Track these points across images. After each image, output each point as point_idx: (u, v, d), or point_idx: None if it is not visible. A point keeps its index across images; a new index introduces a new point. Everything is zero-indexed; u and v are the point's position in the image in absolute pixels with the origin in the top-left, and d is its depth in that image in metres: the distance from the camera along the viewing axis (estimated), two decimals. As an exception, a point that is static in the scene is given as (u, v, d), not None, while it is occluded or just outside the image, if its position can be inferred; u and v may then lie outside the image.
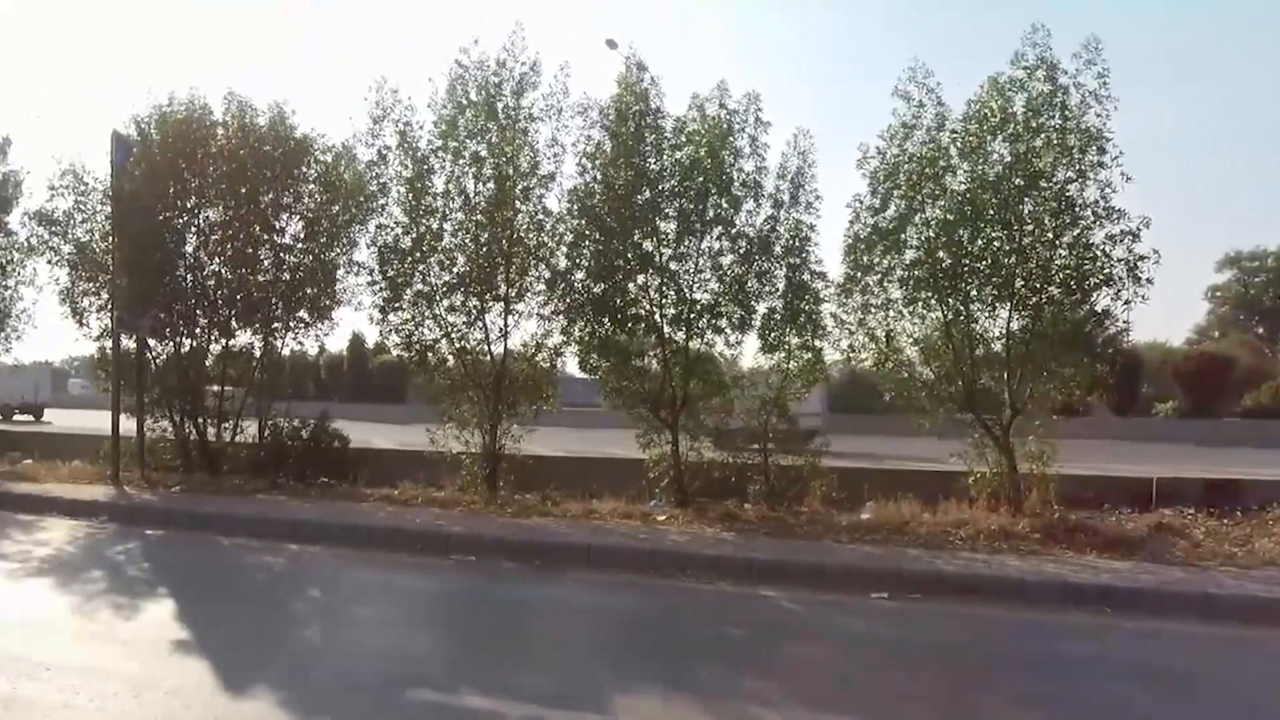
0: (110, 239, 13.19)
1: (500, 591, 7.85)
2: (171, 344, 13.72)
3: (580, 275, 11.71)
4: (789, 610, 7.17)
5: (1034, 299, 10.22)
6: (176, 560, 9.07)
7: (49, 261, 13.92)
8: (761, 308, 11.27)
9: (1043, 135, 10.00)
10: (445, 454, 12.36)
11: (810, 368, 11.21)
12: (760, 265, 11.12)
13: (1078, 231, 10.01)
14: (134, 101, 13.56)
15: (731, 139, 11.04)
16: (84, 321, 13.79)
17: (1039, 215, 10.11)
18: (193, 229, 13.49)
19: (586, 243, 11.60)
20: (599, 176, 11.42)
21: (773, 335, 11.24)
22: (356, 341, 53.34)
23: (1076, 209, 9.97)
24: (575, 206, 11.63)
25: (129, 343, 13.24)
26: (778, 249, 11.13)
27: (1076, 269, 10.01)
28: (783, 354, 11.30)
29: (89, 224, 13.62)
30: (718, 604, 7.39)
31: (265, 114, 13.34)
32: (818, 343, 11.17)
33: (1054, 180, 9.99)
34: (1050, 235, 10.07)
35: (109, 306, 13.35)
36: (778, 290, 11.20)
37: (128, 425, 13.20)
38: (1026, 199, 10.08)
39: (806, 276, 11.08)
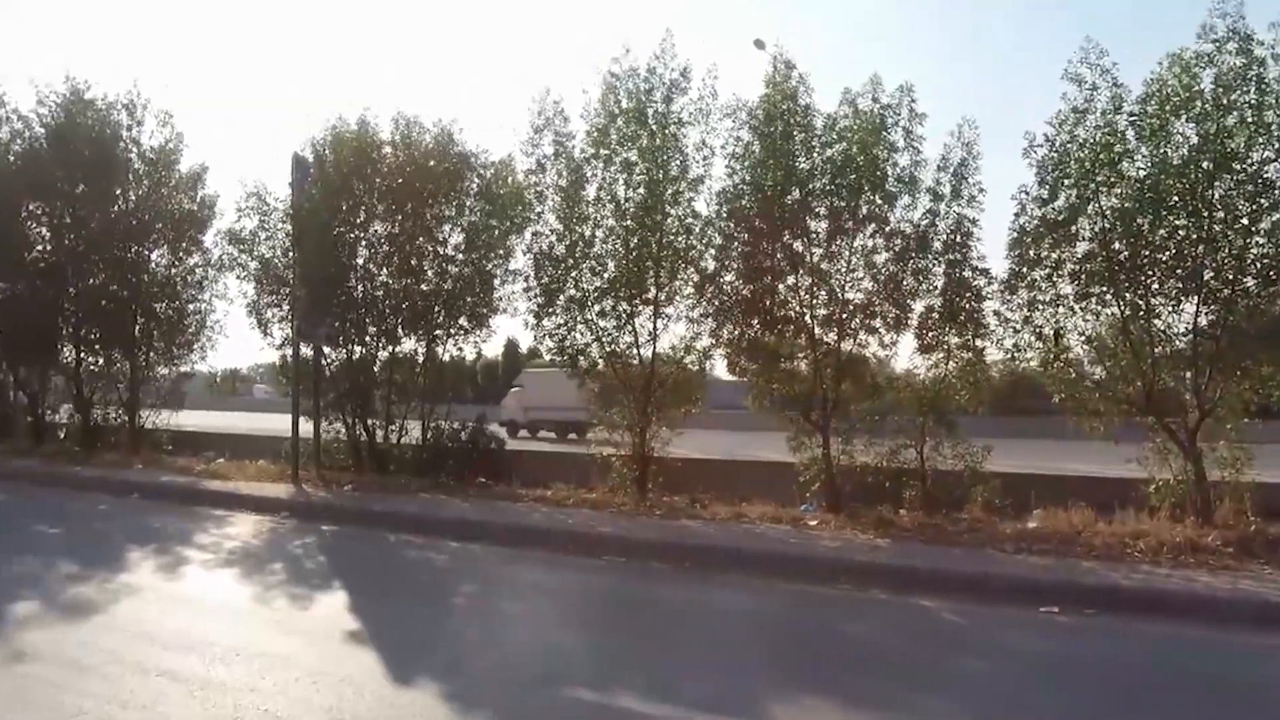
0: (290, 254, 14.22)
1: (652, 593, 7.87)
2: (344, 351, 14.60)
3: (729, 277, 11.65)
4: (950, 622, 6.84)
5: (1225, 291, 9.32)
6: (348, 555, 9.59)
7: (238, 276, 15.20)
8: (918, 306, 10.86)
9: (1235, 113, 9.12)
10: (595, 456, 12.56)
11: (971, 368, 10.71)
12: (917, 262, 10.71)
13: (1277, 217, 9.09)
14: (311, 125, 14.67)
15: (885, 133, 10.68)
16: (268, 331, 14.93)
17: (1231, 200, 9.22)
18: (363, 243, 14.34)
19: (735, 244, 11.53)
20: (747, 178, 11.31)
21: (930, 335, 10.81)
22: (511, 347, 55.20)
23: (1276, 191, 9.06)
24: (724, 209, 11.58)
25: (307, 350, 14.22)
26: (937, 245, 10.68)
27: (1275, 257, 9.10)
28: (941, 354, 10.85)
29: (272, 241, 14.71)
30: (873, 613, 7.14)
31: (431, 132, 14.02)
32: (979, 342, 10.65)
33: (1248, 161, 9.10)
34: (1245, 221, 9.18)
35: (289, 317, 14.38)
36: (936, 288, 10.75)
37: (306, 427, 14.13)
38: (1216, 183, 9.22)
39: (968, 273, 10.58)
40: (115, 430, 17.86)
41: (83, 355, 18.23)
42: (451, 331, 14.40)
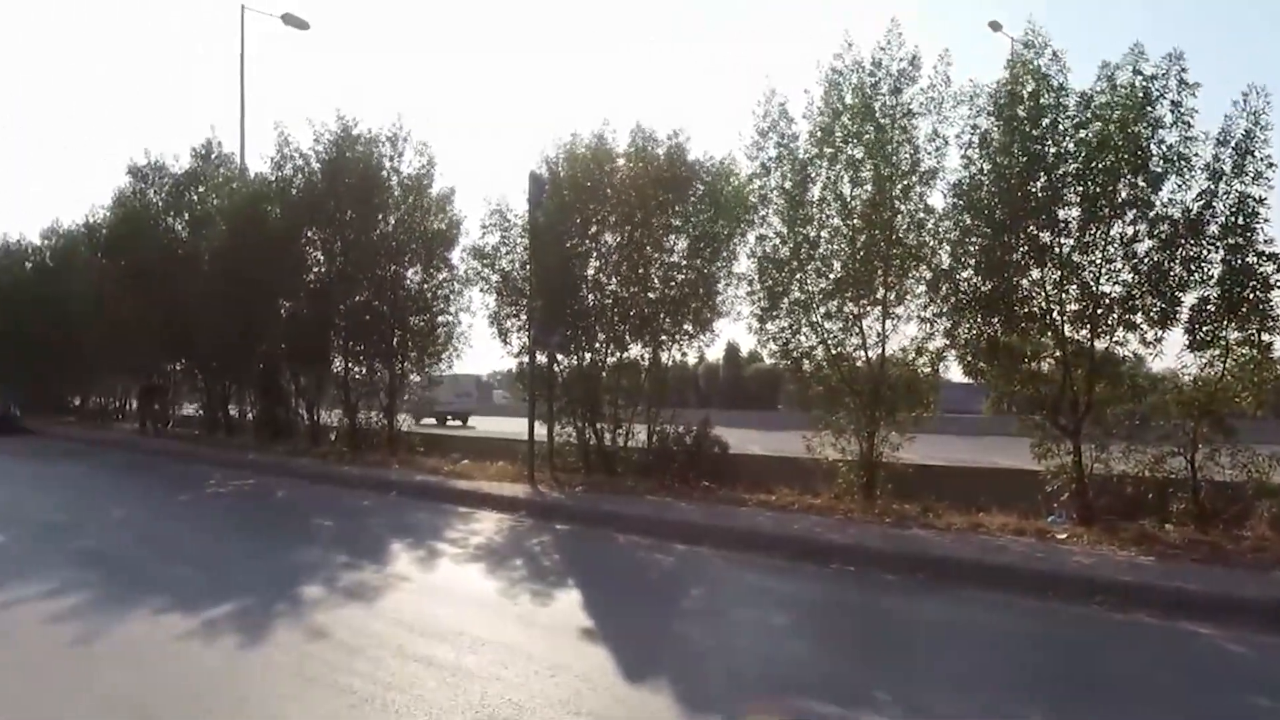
0: (526, 267, 15.04)
1: (884, 604, 7.55)
2: (575, 358, 15.22)
3: (966, 274, 10.97)
4: (1234, 653, 6.03)
5: None
6: (581, 554, 9.93)
7: (480, 290, 16.21)
8: (1189, 298, 9.69)
9: None
10: (821, 461, 12.28)
11: (1255, 366, 9.43)
12: (1188, 249, 9.55)
13: None
14: (546, 143, 15.65)
15: (1149, 108, 9.63)
16: (507, 340, 15.80)
17: None
18: (594, 254, 14.88)
19: (973, 238, 10.83)
20: (986, 166, 10.61)
21: (1204, 330, 9.62)
22: (732, 350, 55.42)
23: None
24: (960, 201, 10.92)
25: (542, 358, 14.95)
26: (1213, 229, 9.47)
27: None
28: (1217, 351, 9.64)
29: (511, 255, 15.59)
30: (1137, 638, 6.43)
31: (664, 144, 14.34)
32: (1266, 336, 9.36)
33: None
34: None
35: (526, 326, 15.18)
36: (1211, 277, 9.55)
37: (541, 431, 14.85)
38: None
39: (1252, 259, 9.31)
40: (376, 433, 19.60)
41: (349, 365, 20.23)
42: (676, 336, 14.64)
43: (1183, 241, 9.54)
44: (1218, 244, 9.45)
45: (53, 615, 6.63)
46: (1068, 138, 10.09)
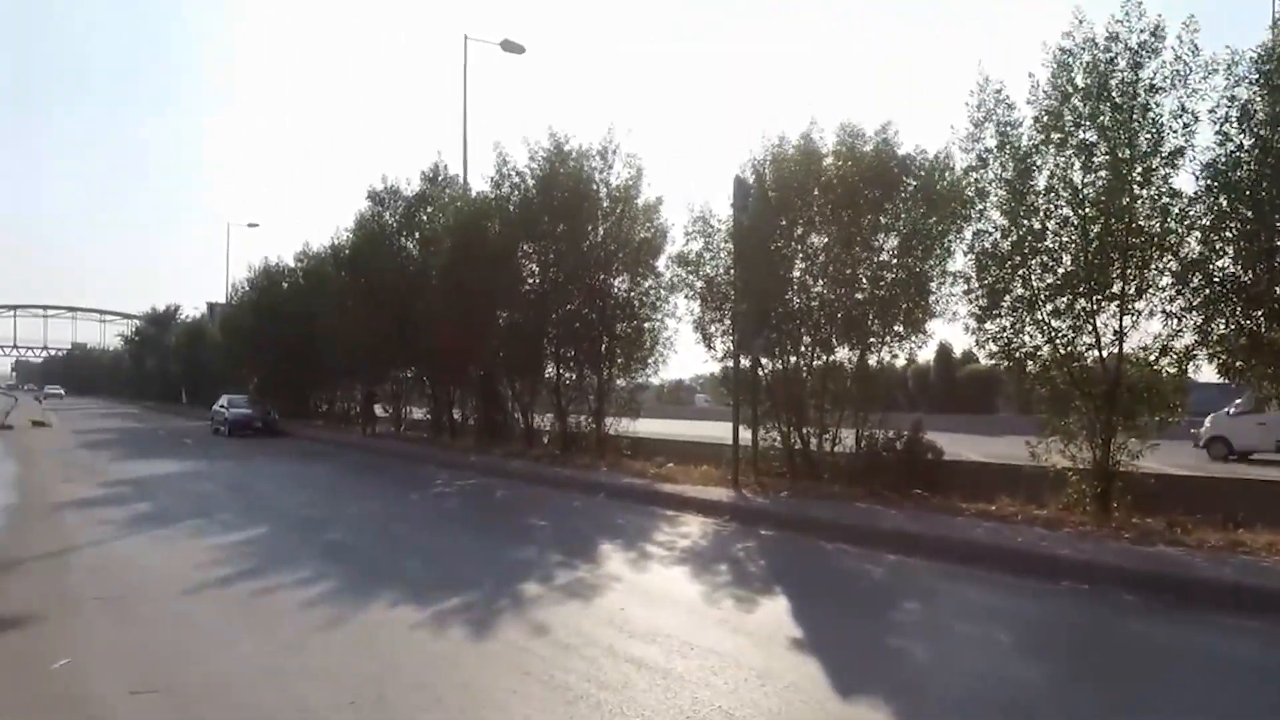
0: (730, 272, 15.05)
1: (1124, 627, 6.86)
2: (780, 361, 15.06)
3: (1221, 262, 9.83)
4: None
5: None
6: (786, 560, 9.76)
7: (685, 296, 16.47)
8: None
9: None
10: (1047, 469, 11.40)
11: None
12: None
13: None
14: (752, 146, 15.65)
15: None
16: (711, 345, 15.89)
17: None
18: (799, 256, 14.66)
19: (1230, 223, 9.68)
20: (1247, 142, 9.45)
21: None
22: (943, 351, 52.86)
23: None
24: (1214, 182, 9.79)
25: (746, 361, 14.88)
26: None
27: None
28: None
29: (715, 261, 15.64)
30: None
31: (872, 140, 13.93)
32: None
33: None
34: None
35: (730, 331, 15.19)
36: None
37: (745, 435, 14.79)
38: None
39: None
40: (586, 436, 20.27)
41: (561, 371, 21.07)
42: (885, 338, 14.14)
43: None
44: None
45: (307, 601, 7.32)
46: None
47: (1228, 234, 9.71)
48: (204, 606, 7.14)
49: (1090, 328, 10.92)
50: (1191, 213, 10.13)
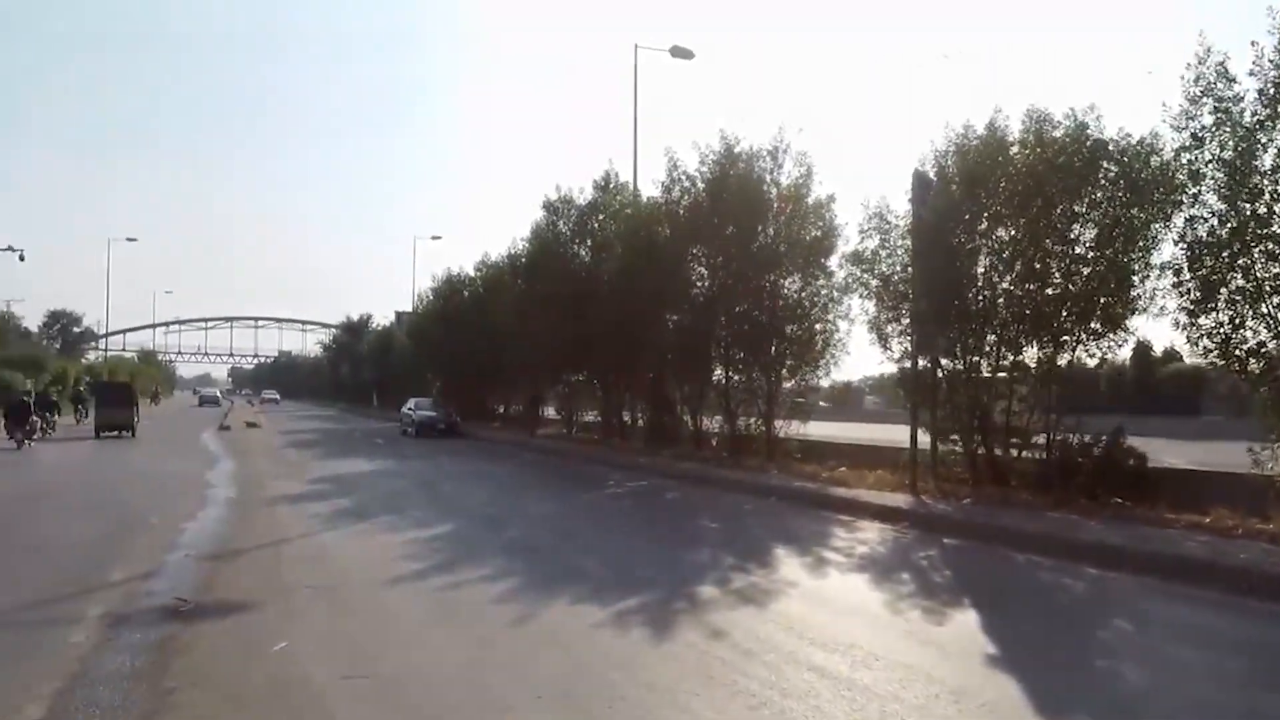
0: (908, 269, 14.53)
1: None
2: (961, 362, 14.38)
3: None
4: None
5: None
6: (974, 570, 9.30)
7: (860, 296, 15.98)
8: None
9: None
10: (1275, 479, 10.30)
11: None
12: None
13: None
14: (933, 139, 15.04)
15: None
16: (887, 345, 15.34)
17: None
18: (983, 251, 13.95)
19: None
20: None
21: None
22: (1142, 350, 48.86)
23: None
24: None
25: (924, 363, 14.32)
26: None
27: None
28: None
29: (891, 258, 15.11)
30: None
31: (1063, 125, 13.08)
32: None
33: None
34: None
35: (908, 331, 14.65)
36: None
37: (923, 439, 14.21)
38: None
39: None
40: (754, 439, 20.11)
41: (729, 373, 21.02)
42: (1080, 336, 13.20)
43: None
44: None
45: (495, 597, 7.62)
46: None
47: None
48: (402, 598, 7.57)
49: (1325, 322, 9.78)
50: None
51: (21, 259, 40.46)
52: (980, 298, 13.92)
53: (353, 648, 6.00)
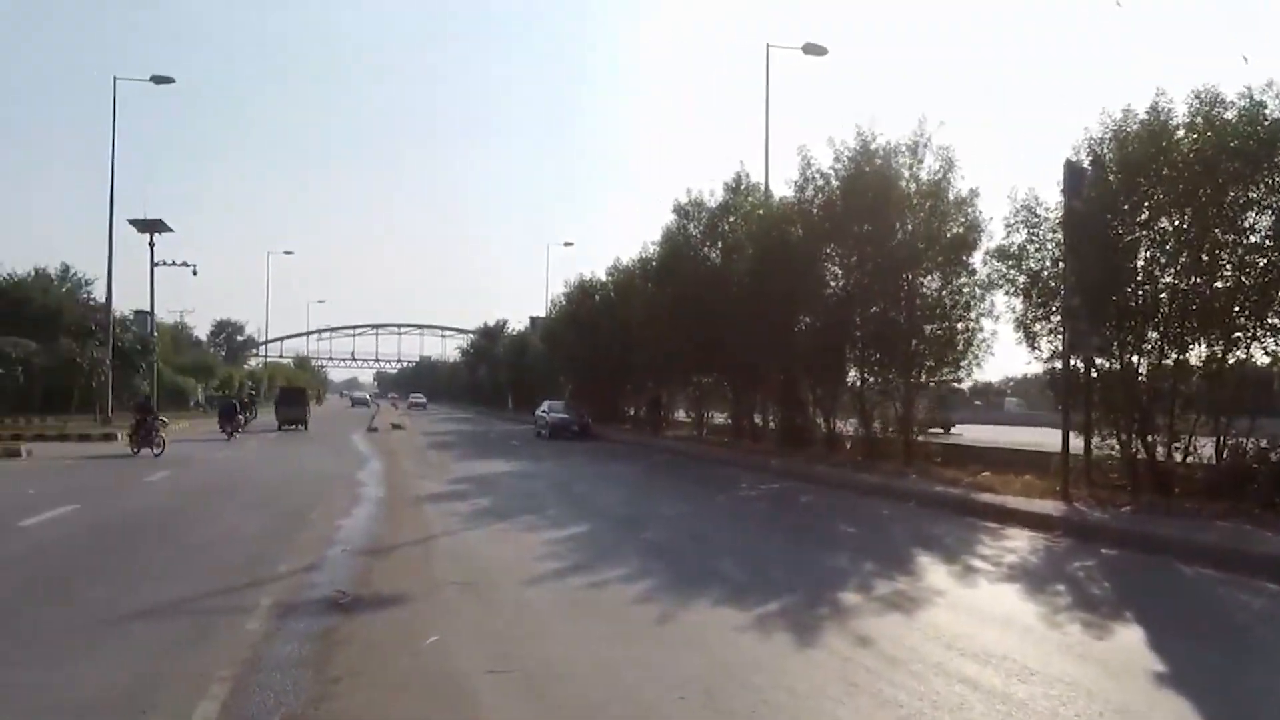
0: (1059, 264, 13.81)
1: None
2: (1118, 361, 13.56)
3: None
4: None
5: None
6: (1136, 583, 8.77)
7: (1005, 293, 15.35)
8: None
9: None
10: None
11: None
12: None
13: None
14: (1087, 126, 14.30)
15: None
16: (1035, 345, 14.69)
17: None
18: (1144, 243, 13.14)
19: None
20: None
21: None
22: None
23: None
24: None
25: (1076, 362, 13.58)
26: None
27: None
28: None
29: (1041, 253, 14.45)
30: None
31: (1235, 105, 12.15)
32: None
33: None
34: None
35: (1059, 329, 13.93)
36: None
37: (1075, 443, 13.46)
38: None
39: None
40: (891, 442, 19.59)
41: (864, 375, 20.56)
42: (1255, 333, 12.21)
43: None
44: None
45: (634, 597, 7.70)
46: None
47: None
48: (543, 596, 7.75)
49: None
50: None
51: (195, 273, 43.70)
52: (1140, 293, 13.12)
53: (499, 643, 6.18)
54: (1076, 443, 13.56)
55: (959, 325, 18.53)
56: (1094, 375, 13.70)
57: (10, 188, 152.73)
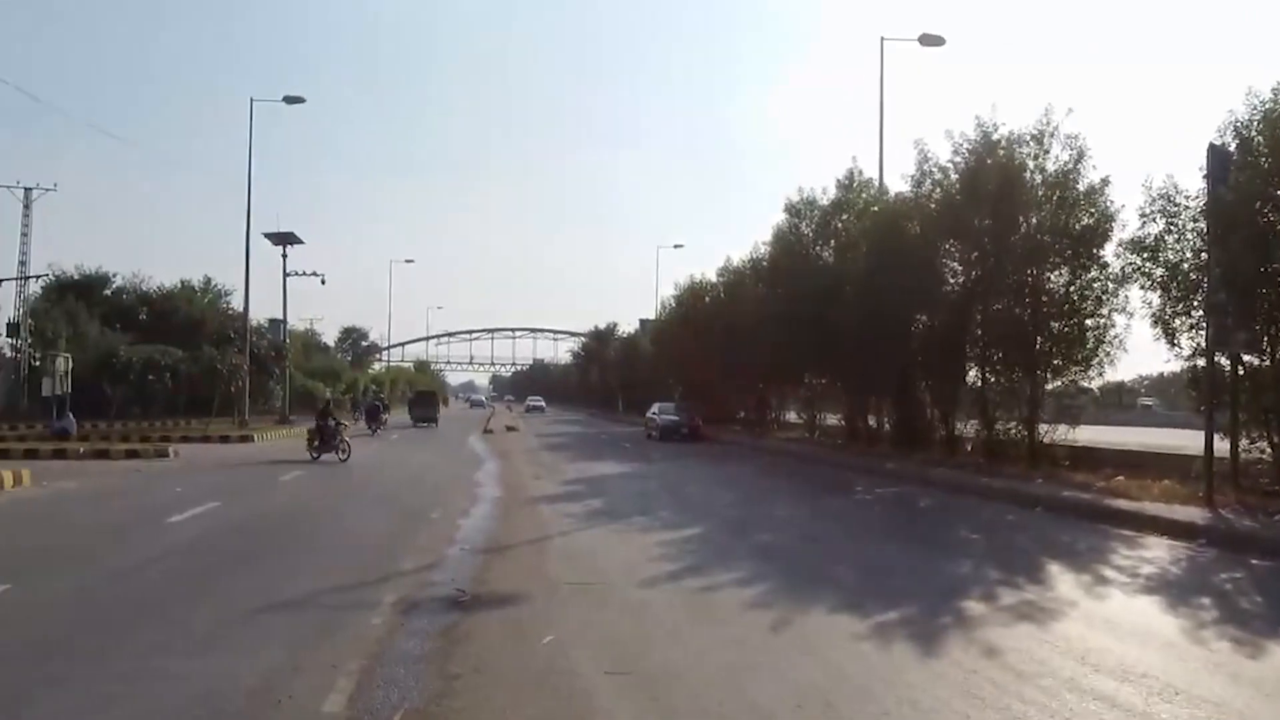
0: (1202, 255, 12.96)
1: None
2: (1269, 359, 12.64)
3: None
4: None
5: None
6: (1295, 598, 8.14)
7: (1140, 287, 14.69)
8: None
9: None
10: None
11: None
12: None
13: None
14: (1232, 109, 13.45)
15: None
16: (1174, 341, 13.93)
17: None
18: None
19: None
20: None
21: None
22: None
23: None
24: None
25: (1221, 359, 12.71)
26: None
27: None
28: None
29: (1180, 244, 13.68)
30: None
31: None
32: None
33: None
34: None
35: (1201, 325, 13.09)
36: None
37: (1219, 446, 12.62)
38: None
39: None
40: (1015, 444, 18.81)
41: (985, 375, 19.81)
42: None
43: None
44: None
45: (749, 601, 7.62)
46: None
47: None
48: (658, 598, 7.75)
49: None
50: None
51: (323, 282, 45.85)
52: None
53: (614, 644, 6.22)
54: (1221, 445, 12.74)
55: (1088, 321, 17.66)
56: (1241, 373, 12.81)
57: (161, 206, 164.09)
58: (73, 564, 8.90)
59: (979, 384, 20.07)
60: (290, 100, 36.74)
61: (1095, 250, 17.38)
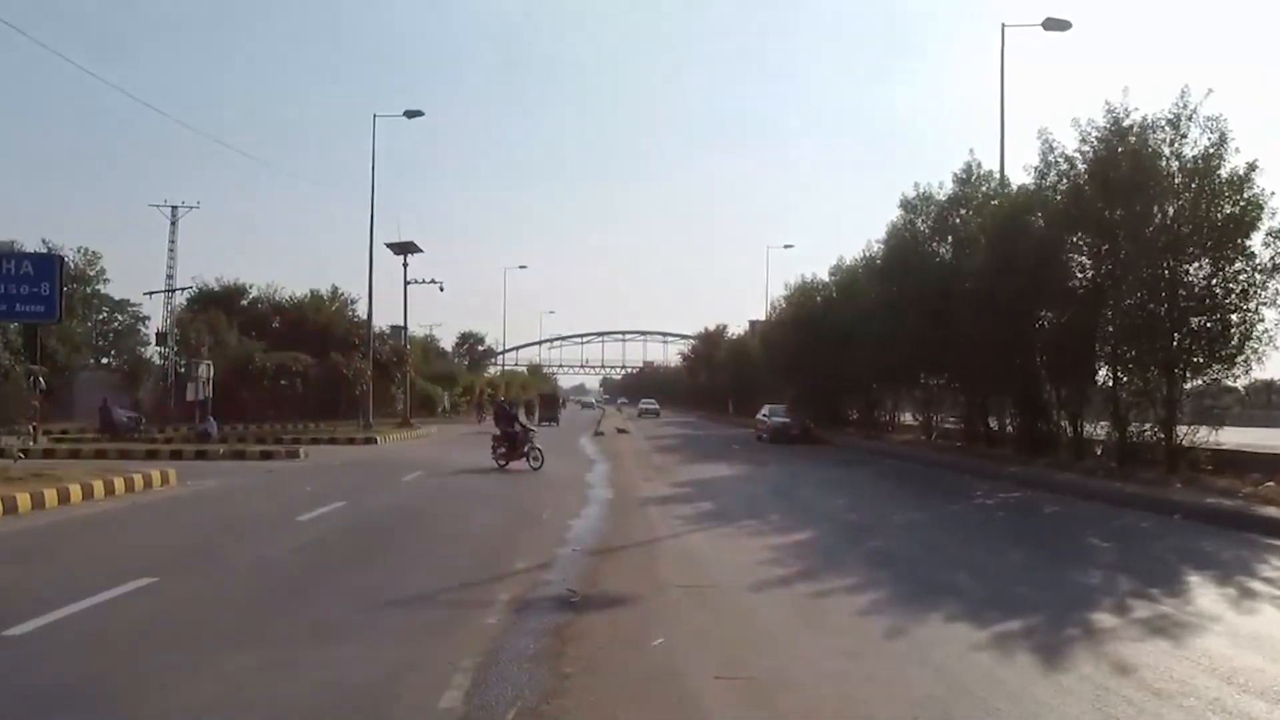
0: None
1: None
2: None
3: None
4: None
5: None
6: None
7: None
8: None
9: None
10: None
11: None
12: None
13: None
14: None
15: None
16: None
17: None
18: None
19: None
20: None
21: None
22: None
23: None
24: None
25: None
26: None
27: None
28: None
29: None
30: None
31: None
32: None
33: None
34: None
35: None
36: None
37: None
38: None
39: None
40: (1150, 448, 17.74)
41: (1117, 374, 18.76)
42: None
43: None
44: None
45: (862, 608, 7.45)
46: None
47: None
48: (768, 602, 7.66)
49: None
50: None
51: (441, 289, 47.37)
52: None
53: (724, 648, 6.17)
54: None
55: (1233, 316, 16.46)
56: None
57: (292, 219, 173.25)
58: (212, 559, 9.45)
59: (1109, 383, 19.02)
60: (410, 114, 38.07)
61: (1241, 240, 16.19)
